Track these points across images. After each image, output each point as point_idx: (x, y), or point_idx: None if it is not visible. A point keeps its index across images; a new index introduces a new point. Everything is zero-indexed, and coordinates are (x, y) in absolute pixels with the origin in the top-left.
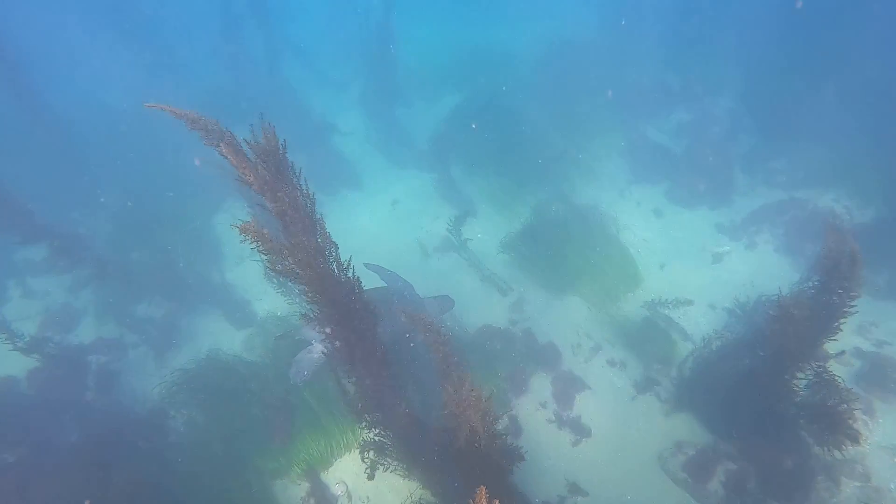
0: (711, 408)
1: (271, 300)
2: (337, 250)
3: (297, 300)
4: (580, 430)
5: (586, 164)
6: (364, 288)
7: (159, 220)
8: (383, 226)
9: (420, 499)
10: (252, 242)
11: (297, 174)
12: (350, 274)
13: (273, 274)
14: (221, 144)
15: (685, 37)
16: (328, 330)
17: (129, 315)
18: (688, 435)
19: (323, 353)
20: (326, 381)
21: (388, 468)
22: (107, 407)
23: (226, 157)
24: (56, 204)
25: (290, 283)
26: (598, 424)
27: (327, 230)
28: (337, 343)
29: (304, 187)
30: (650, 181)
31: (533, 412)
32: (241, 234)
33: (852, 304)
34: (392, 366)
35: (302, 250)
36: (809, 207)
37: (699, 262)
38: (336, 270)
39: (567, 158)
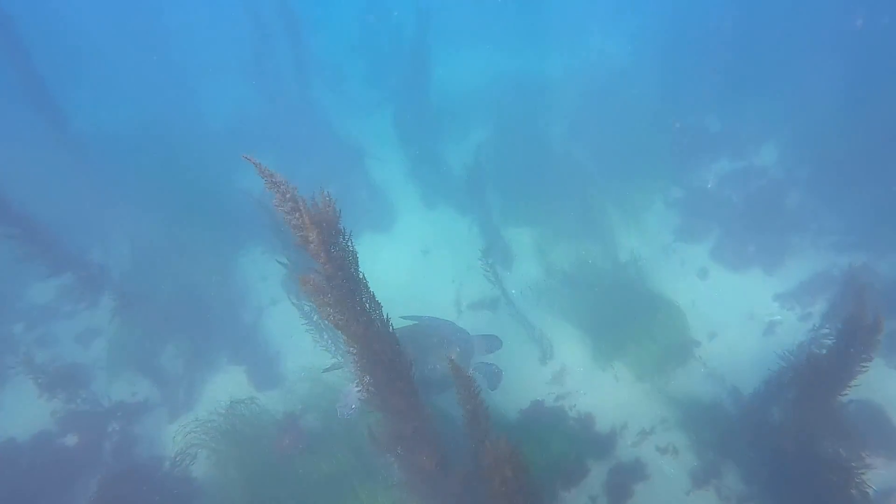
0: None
1: (300, 352)
2: (380, 308)
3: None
4: None
5: (629, 213)
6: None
7: (185, 254)
8: (413, 275)
9: None
10: (309, 295)
11: (347, 237)
12: (389, 329)
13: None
14: (289, 206)
15: (735, 76)
16: (367, 378)
17: (149, 364)
18: None
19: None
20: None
21: None
22: (124, 468)
23: (290, 220)
24: (81, 232)
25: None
26: None
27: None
28: (372, 389)
29: (350, 248)
30: (696, 238)
31: None
32: (301, 286)
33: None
34: (424, 410)
35: (347, 308)
36: (865, 272)
37: (749, 331)
38: (378, 326)
39: (608, 204)
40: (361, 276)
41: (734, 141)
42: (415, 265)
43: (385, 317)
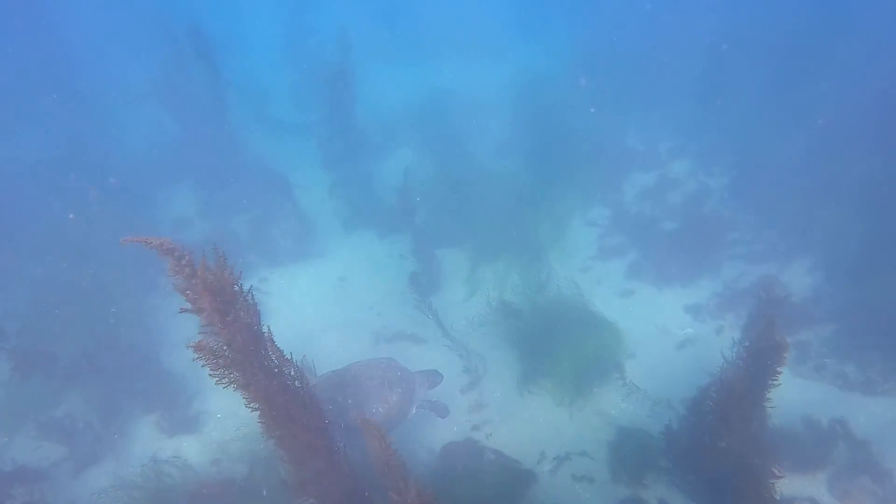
0: None
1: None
2: (288, 363)
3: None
4: None
5: (554, 230)
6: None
7: (87, 300)
8: (329, 304)
9: None
10: (204, 362)
11: (247, 295)
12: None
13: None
14: (186, 272)
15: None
16: (277, 434)
17: (54, 421)
18: None
19: None
20: None
21: None
22: None
23: (183, 289)
24: None
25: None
26: None
27: (277, 346)
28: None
29: (252, 304)
30: (615, 255)
31: None
32: (195, 352)
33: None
34: (335, 457)
35: (246, 369)
36: (777, 287)
37: (664, 347)
38: (289, 382)
39: (536, 221)
40: (266, 332)
41: (651, 155)
42: (332, 293)
43: (293, 370)
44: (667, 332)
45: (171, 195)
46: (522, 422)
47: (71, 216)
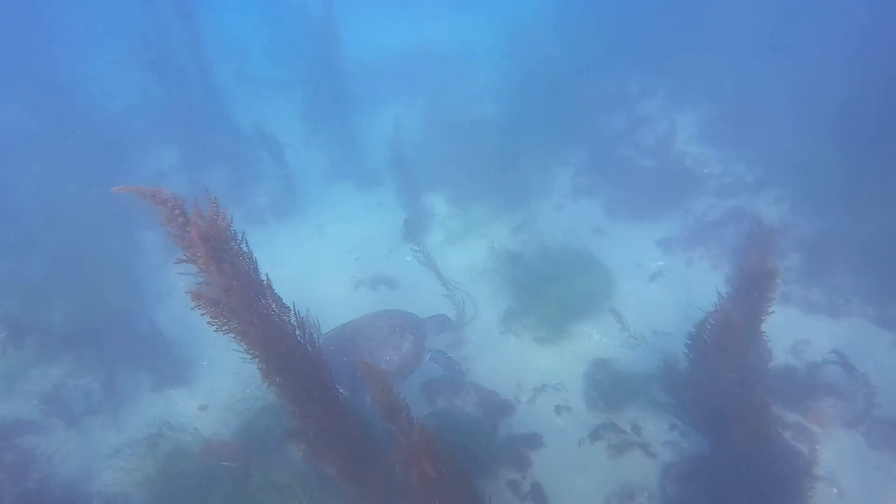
0: None
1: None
2: (287, 313)
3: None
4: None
5: (536, 174)
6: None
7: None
8: (310, 252)
9: None
10: (203, 310)
11: (241, 240)
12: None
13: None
14: (178, 223)
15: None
16: (278, 380)
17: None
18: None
19: None
20: None
21: None
22: None
23: (177, 238)
24: None
25: None
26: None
27: (276, 294)
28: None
29: (247, 252)
30: (589, 193)
31: None
32: (192, 301)
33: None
34: (337, 407)
35: (244, 316)
36: (749, 217)
37: (637, 282)
38: (289, 330)
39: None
40: (265, 280)
41: (623, 95)
42: (312, 241)
43: (294, 319)
44: (639, 265)
45: (149, 151)
46: (502, 357)
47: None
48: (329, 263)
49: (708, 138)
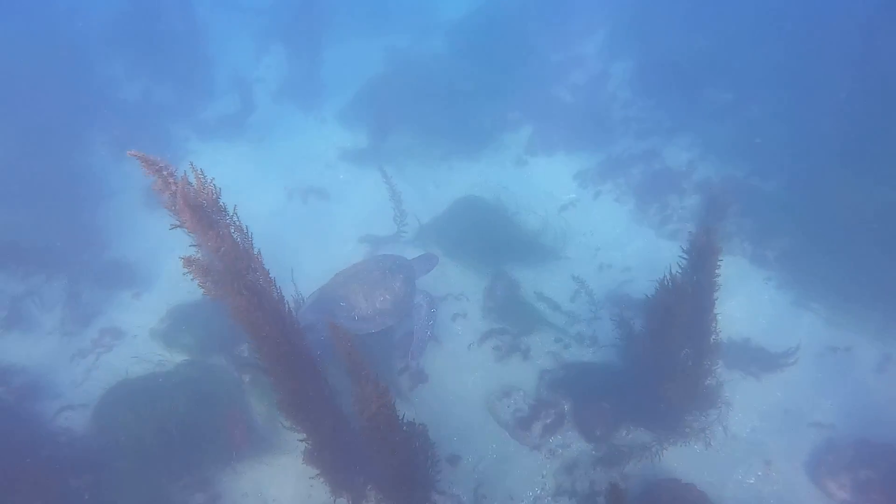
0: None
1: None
2: (271, 283)
3: None
4: (419, 376)
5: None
6: None
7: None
8: (251, 166)
9: None
10: (192, 276)
11: (231, 214)
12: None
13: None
14: (165, 193)
15: None
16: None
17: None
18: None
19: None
20: None
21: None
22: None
23: (167, 204)
24: None
25: None
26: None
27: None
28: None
29: (242, 227)
30: (515, 127)
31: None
32: (184, 267)
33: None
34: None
35: (229, 283)
36: (656, 159)
37: (548, 210)
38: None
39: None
40: (256, 253)
41: (564, 35)
42: (253, 155)
43: (276, 293)
44: (552, 196)
45: (106, 56)
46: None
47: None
48: (268, 177)
49: (637, 86)
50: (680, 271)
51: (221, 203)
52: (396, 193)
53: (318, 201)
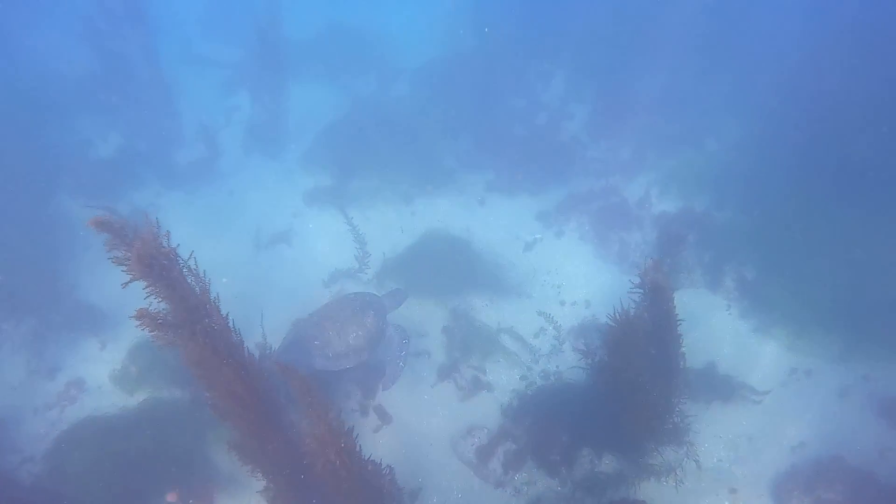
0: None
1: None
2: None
3: None
4: (384, 417)
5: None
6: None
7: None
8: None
9: None
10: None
11: (187, 261)
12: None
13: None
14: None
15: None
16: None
17: None
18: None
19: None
20: None
21: None
22: None
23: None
24: None
25: None
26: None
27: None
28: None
29: (194, 269)
30: (476, 168)
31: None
32: (137, 320)
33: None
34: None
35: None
36: (616, 196)
37: (513, 250)
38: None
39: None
40: (213, 298)
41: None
42: (225, 205)
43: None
44: (518, 237)
45: (79, 117)
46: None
47: None
48: (234, 225)
49: (597, 127)
50: (634, 305)
51: (174, 254)
52: (359, 235)
53: (285, 248)
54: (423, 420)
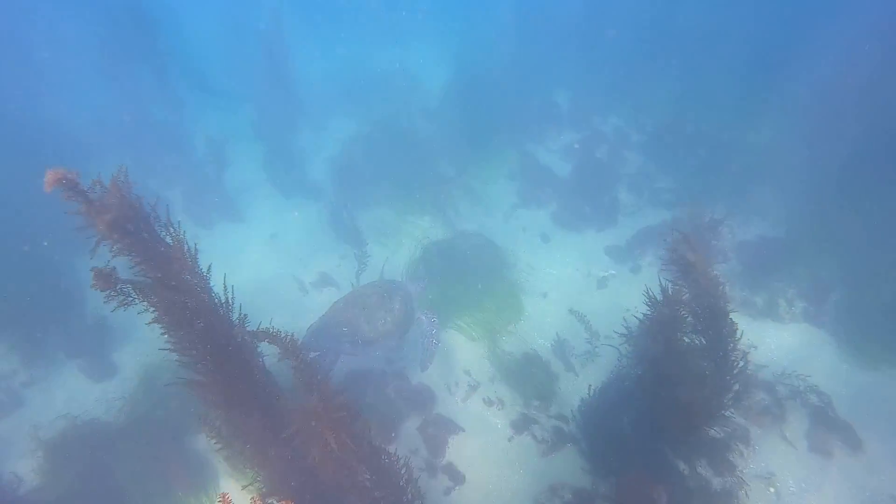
0: (594, 442)
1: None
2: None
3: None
4: (455, 477)
5: (477, 189)
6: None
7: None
8: (261, 259)
9: None
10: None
11: (160, 218)
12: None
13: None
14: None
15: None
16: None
17: None
18: (566, 477)
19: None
20: None
21: None
22: None
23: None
24: None
25: None
26: (472, 469)
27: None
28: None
29: (175, 230)
30: (537, 204)
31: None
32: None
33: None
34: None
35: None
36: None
37: (585, 288)
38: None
39: (457, 183)
40: (189, 255)
41: (579, 113)
42: (263, 249)
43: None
44: (589, 274)
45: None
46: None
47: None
48: (276, 269)
49: (656, 158)
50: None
51: (146, 210)
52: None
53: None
54: (500, 477)
